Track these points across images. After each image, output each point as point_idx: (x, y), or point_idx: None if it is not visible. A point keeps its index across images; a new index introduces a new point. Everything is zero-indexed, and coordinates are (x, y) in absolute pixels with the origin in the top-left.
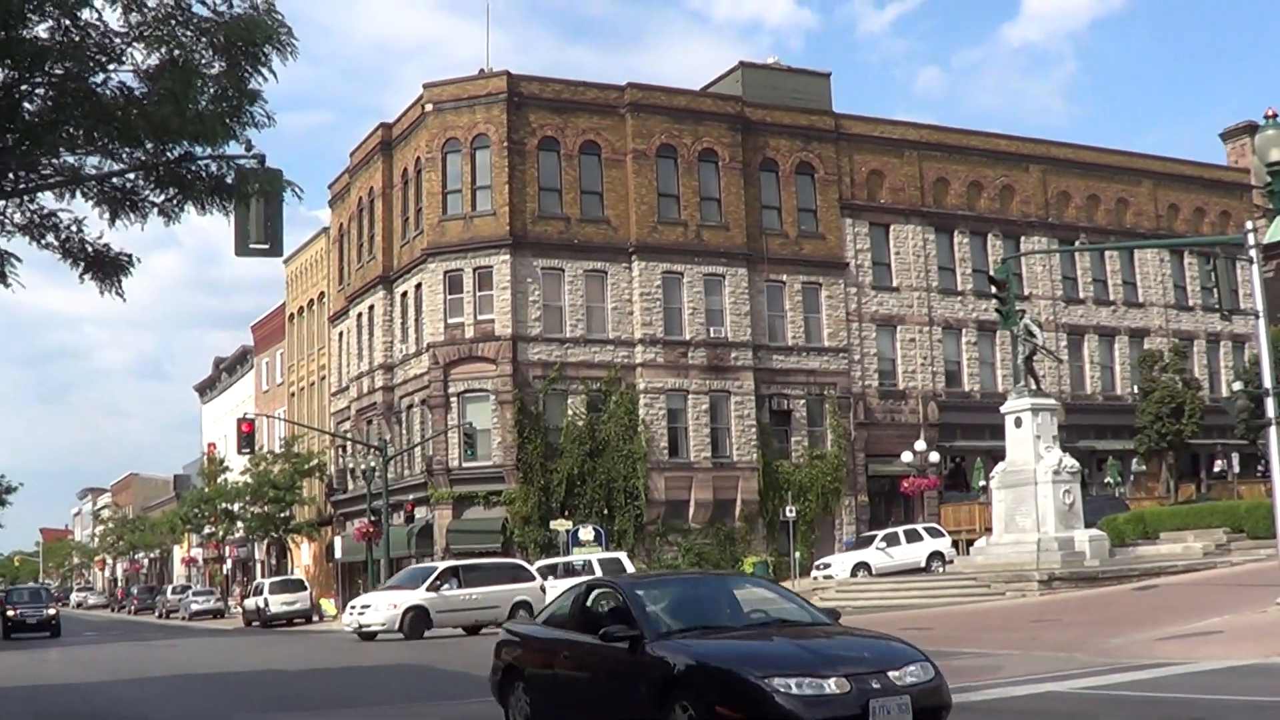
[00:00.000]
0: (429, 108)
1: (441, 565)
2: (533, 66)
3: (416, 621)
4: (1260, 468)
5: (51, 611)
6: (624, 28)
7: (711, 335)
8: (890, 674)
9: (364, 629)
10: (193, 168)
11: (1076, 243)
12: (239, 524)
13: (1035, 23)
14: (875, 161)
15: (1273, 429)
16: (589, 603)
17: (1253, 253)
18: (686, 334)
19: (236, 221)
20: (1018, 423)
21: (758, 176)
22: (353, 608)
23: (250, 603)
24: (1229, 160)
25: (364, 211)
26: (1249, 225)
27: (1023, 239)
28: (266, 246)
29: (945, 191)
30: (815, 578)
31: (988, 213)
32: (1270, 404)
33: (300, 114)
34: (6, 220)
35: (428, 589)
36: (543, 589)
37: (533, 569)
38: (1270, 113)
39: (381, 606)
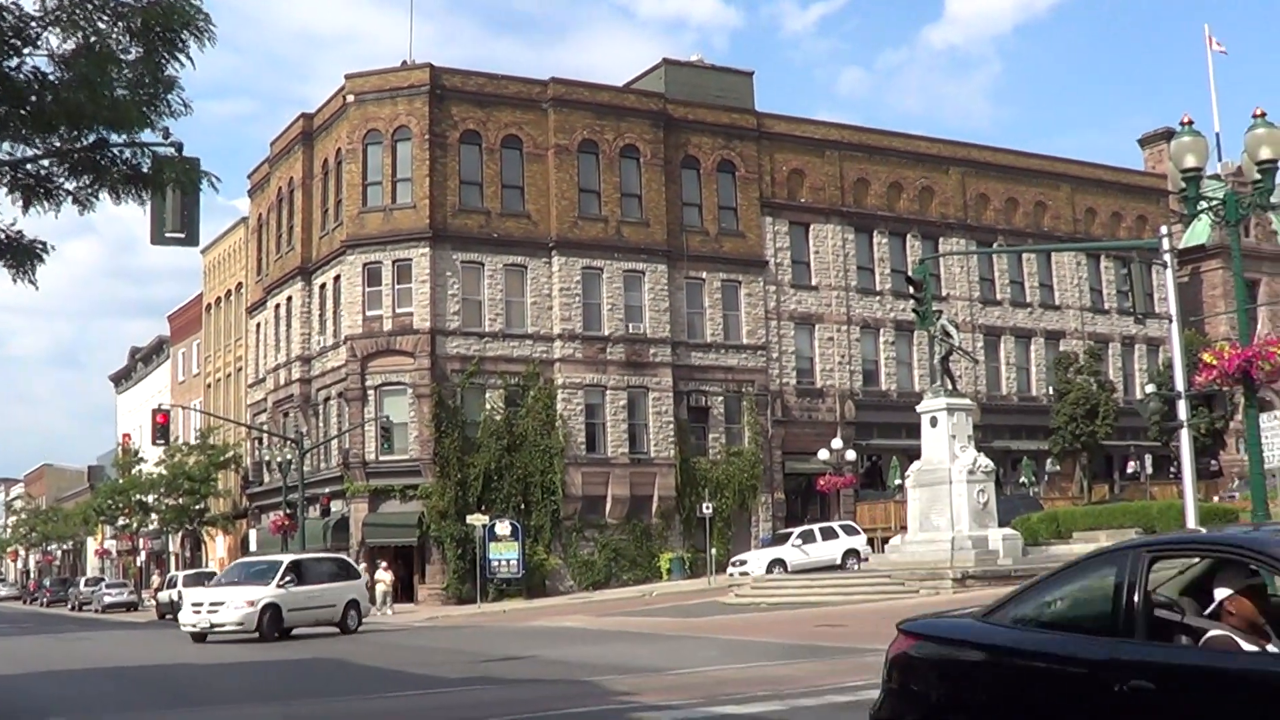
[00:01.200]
0: (350, 99)
1: (285, 559)
2: (456, 59)
3: (274, 619)
4: (1172, 469)
5: None
6: (549, 22)
7: (630, 331)
8: None
9: (216, 628)
10: (108, 155)
11: (994, 245)
12: (153, 516)
13: (958, 25)
14: (796, 161)
15: (1185, 431)
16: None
17: (1167, 257)
18: (605, 330)
19: (153, 210)
20: (933, 422)
21: (679, 173)
22: (198, 605)
23: (164, 596)
24: (1146, 166)
25: (283, 202)
26: (1164, 230)
27: (941, 240)
28: (183, 236)
29: (865, 192)
30: (731, 574)
31: (907, 213)
32: (1182, 407)
33: (220, 102)
34: None
35: (278, 585)
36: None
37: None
38: (1186, 120)
39: (237, 603)
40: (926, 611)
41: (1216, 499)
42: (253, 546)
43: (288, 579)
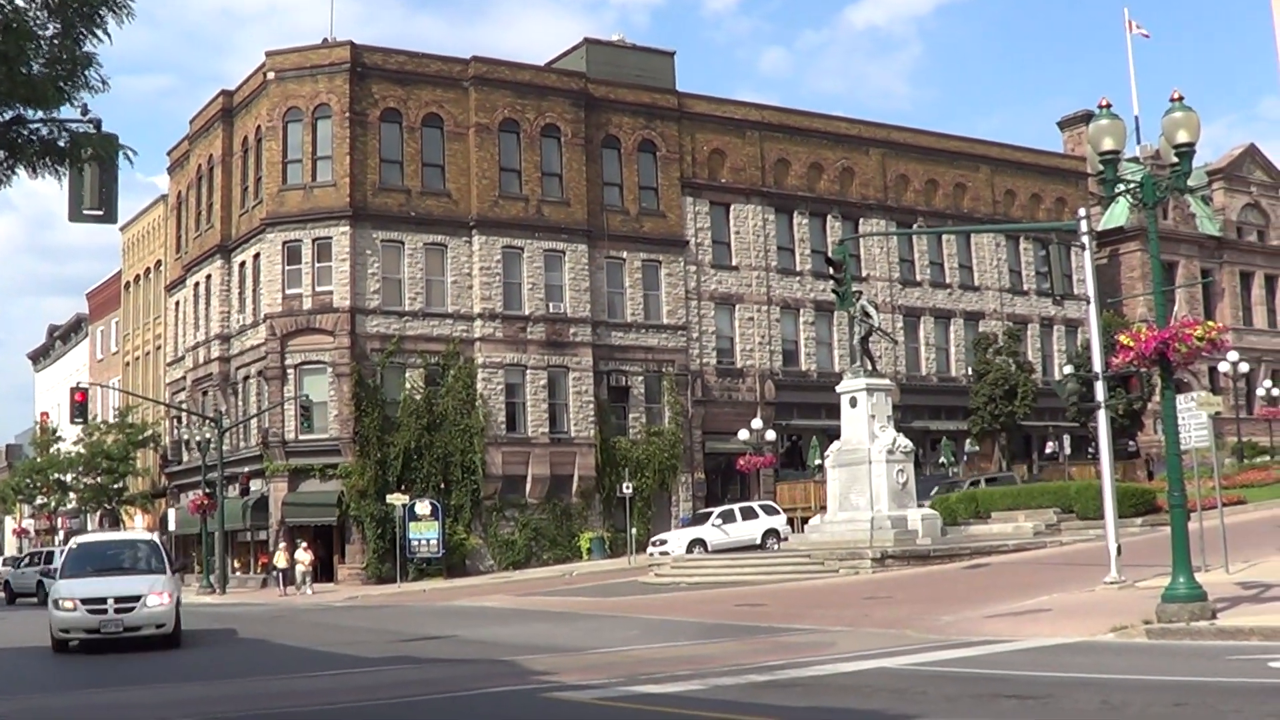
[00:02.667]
0: (271, 76)
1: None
2: (377, 37)
3: None
4: (1090, 449)
5: None
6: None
7: (551, 311)
8: None
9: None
10: (24, 131)
11: (914, 226)
12: (71, 495)
13: (880, 6)
14: (717, 141)
15: (1102, 412)
16: None
17: (1086, 239)
18: (526, 309)
19: (70, 187)
20: (853, 402)
21: (600, 153)
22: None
23: None
24: (1066, 148)
25: (203, 179)
26: (1083, 212)
27: (861, 221)
28: (101, 213)
29: (786, 172)
30: (651, 554)
31: (827, 194)
32: (1100, 388)
33: (139, 78)
34: None
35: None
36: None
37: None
38: (1104, 102)
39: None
40: None
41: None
42: (172, 526)
43: None
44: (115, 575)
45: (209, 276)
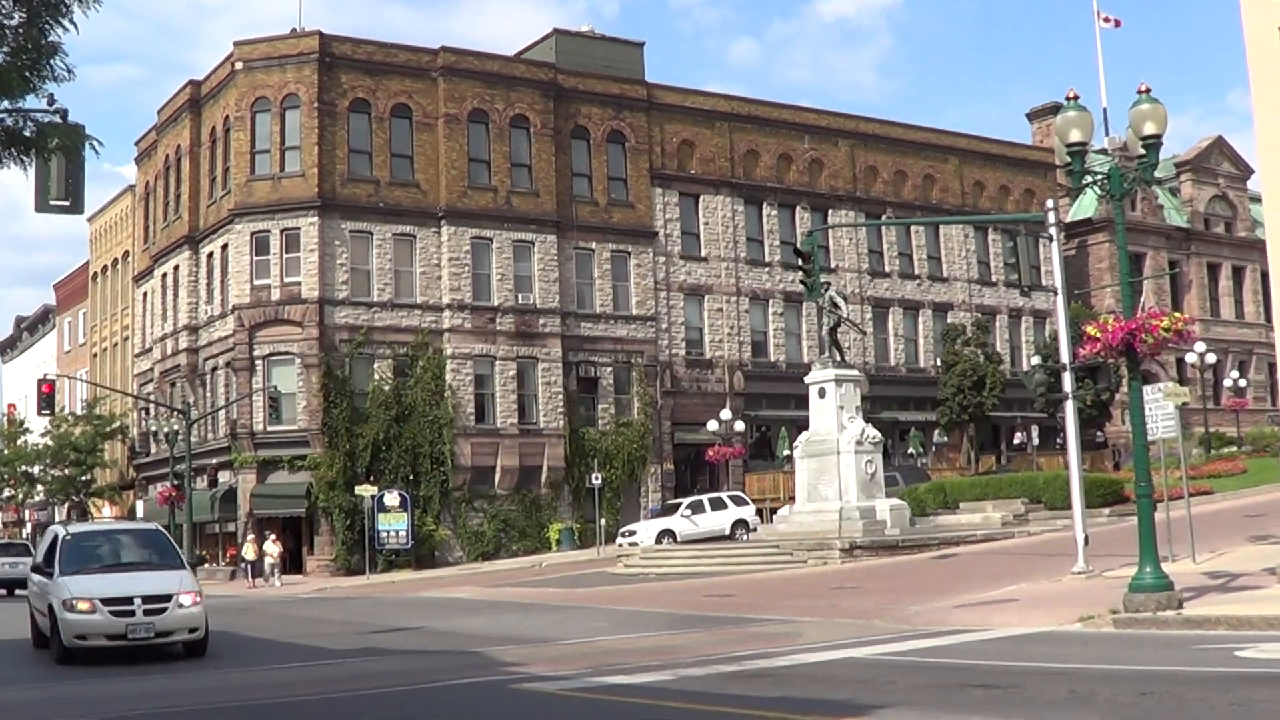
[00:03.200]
0: (239, 66)
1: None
2: (346, 26)
3: None
4: (1058, 440)
5: None
6: None
7: (520, 302)
8: None
9: None
10: None
11: (883, 217)
12: (39, 487)
13: None
14: (686, 132)
15: (1070, 403)
16: None
17: (1054, 230)
18: (495, 300)
19: (37, 177)
20: (821, 393)
21: (569, 144)
22: None
23: None
24: (1034, 140)
25: (171, 170)
26: (1050, 204)
27: (830, 212)
28: (67, 203)
29: (755, 163)
30: (620, 545)
31: (796, 185)
32: (1068, 379)
33: (106, 67)
34: None
35: None
36: None
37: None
38: (1071, 94)
39: None
40: None
41: None
42: (139, 518)
43: None
44: (134, 571)
45: (177, 267)
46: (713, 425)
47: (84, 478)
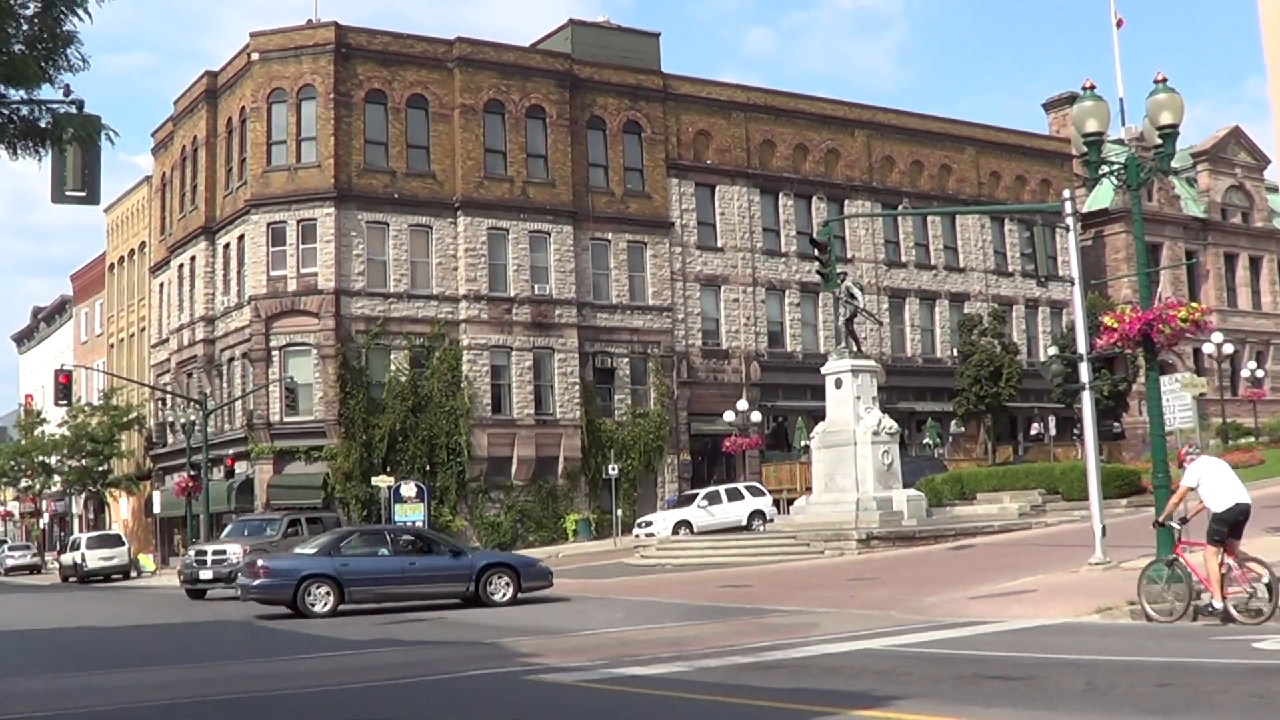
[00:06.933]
0: (255, 57)
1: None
2: (361, 17)
3: None
4: (1075, 431)
5: None
6: None
7: (536, 292)
8: None
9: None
10: (4, 111)
11: (899, 207)
12: (56, 477)
13: None
14: (702, 122)
15: (1087, 393)
16: None
17: (1070, 221)
18: (511, 290)
19: (53, 168)
20: (838, 384)
21: (585, 134)
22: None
23: (67, 558)
24: (1050, 130)
25: (187, 160)
26: (1067, 194)
27: (847, 202)
28: (84, 194)
29: (771, 153)
30: (637, 536)
31: (813, 175)
32: (1084, 369)
33: (120, 55)
34: None
35: None
36: None
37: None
38: (1088, 84)
39: None
40: None
41: None
42: (156, 509)
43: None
44: None
45: (193, 258)
46: (729, 416)
47: (101, 468)
